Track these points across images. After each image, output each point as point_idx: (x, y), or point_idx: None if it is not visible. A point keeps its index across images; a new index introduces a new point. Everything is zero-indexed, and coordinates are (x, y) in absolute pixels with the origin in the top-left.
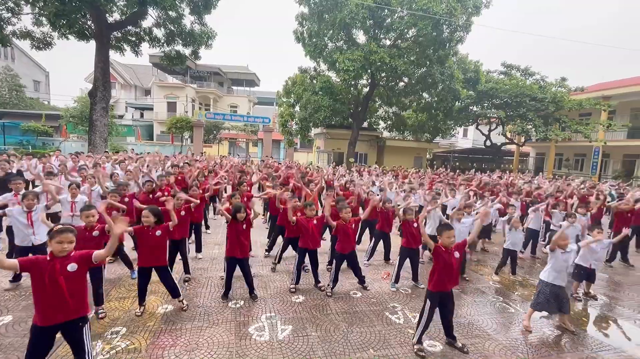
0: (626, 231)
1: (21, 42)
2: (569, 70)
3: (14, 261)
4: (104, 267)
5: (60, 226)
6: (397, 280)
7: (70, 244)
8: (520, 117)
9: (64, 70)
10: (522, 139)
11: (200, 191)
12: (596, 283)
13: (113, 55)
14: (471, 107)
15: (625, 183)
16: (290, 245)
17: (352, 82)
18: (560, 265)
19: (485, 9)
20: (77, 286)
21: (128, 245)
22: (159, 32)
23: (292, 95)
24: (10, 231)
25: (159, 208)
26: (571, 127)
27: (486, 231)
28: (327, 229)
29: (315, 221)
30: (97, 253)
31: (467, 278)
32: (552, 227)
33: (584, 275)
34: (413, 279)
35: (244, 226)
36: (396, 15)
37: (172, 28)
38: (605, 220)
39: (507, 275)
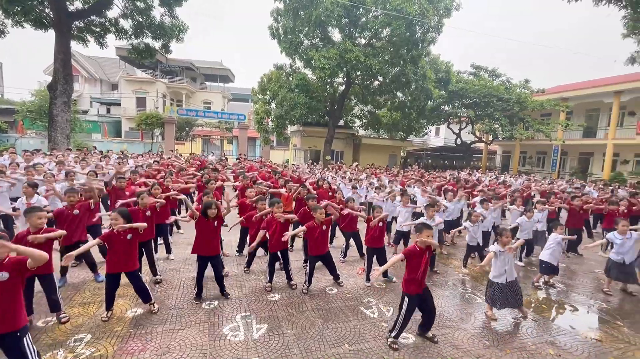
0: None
1: None
2: (540, 73)
3: None
4: (67, 272)
5: None
6: (368, 278)
7: (1, 249)
8: (488, 117)
9: (20, 61)
10: (490, 138)
11: (161, 191)
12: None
13: (75, 46)
14: (443, 106)
15: (580, 180)
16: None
17: (328, 80)
18: (503, 265)
19: (455, 11)
20: (8, 296)
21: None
22: (126, 24)
23: (268, 92)
24: None
25: (128, 209)
26: (534, 127)
27: (455, 226)
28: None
29: (282, 222)
30: (29, 261)
31: (437, 271)
32: (503, 226)
33: (549, 269)
34: (383, 275)
35: (215, 223)
36: (371, 14)
37: (141, 19)
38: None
39: (476, 267)
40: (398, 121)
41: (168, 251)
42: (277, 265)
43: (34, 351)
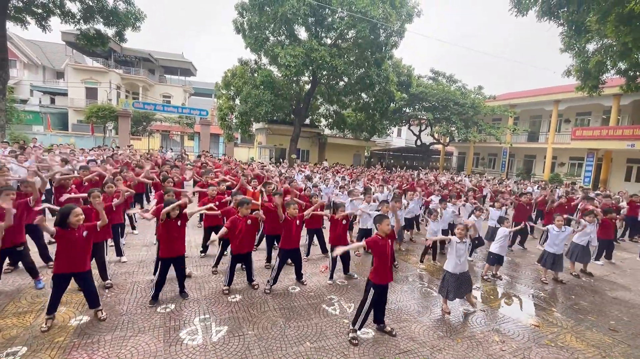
0: (522, 225)
1: None
2: (492, 80)
3: None
4: (9, 276)
5: None
6: (331, 276)
7: None
8: (445, 120)
9: None
10: (447, 140)
11: (115, 189)
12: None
13: (13, 28)
14: (404, 109)
15: (525, 180)
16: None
17: (294, 78)
18: (458, 256)
19: (417, 17)
20: None
21: (33, 250)
22: (73, 7)
23: (232, 88)
24: None
25: (81, 207)
26: (486, 130)
27: (413, 223)
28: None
29: (249, 221)
30: None
31: (396, 266)
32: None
33: (496, 260)
34: (345, 272)
35: (179, 222)
36: (337, 15)
37: (91, 3)
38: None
39: (432, 262)
40: (362, 121)
41: (119, 253)
42: (238, 266)
43: None
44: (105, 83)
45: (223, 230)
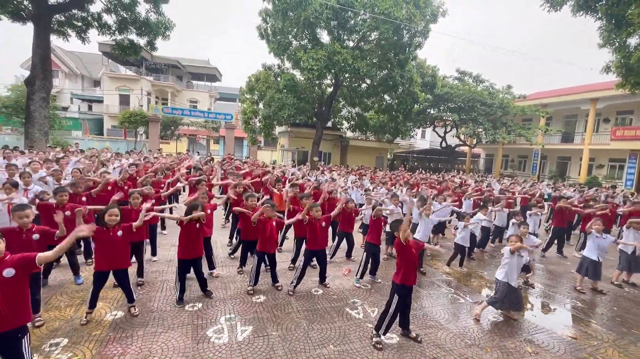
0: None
1: None
2: (522, 79)
3: None
4: (53, 272)
5: None
6: (361, 276)
7: None
8: (472, 121)
9: None
10: (474, 141)
11: (154, 191)
12: (533, 273)
13: (56, 40)
14: (428, 110)
15: (560, 183)
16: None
17: (316, 81)
18: (516, 266)
19: (442, 17)
20: (15, 293)
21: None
22: (109, 19)
23: (256, 92)
24: None
25: (120, 207)
26: (515, 131)
27: (440, 228)
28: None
29: (274, 223)
30: (42, 256)
31: (423, 271)
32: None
33: (525, 267)
34: (370, 273)
35: (197, 225)
36: (359, 17)
37: (125, 15)
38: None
39: (459, 268)
40: (385, 123)
41: (154, 253)
42: (263, 267)
43: (30, 353)
44: (137, 90)
45: (256, 215)
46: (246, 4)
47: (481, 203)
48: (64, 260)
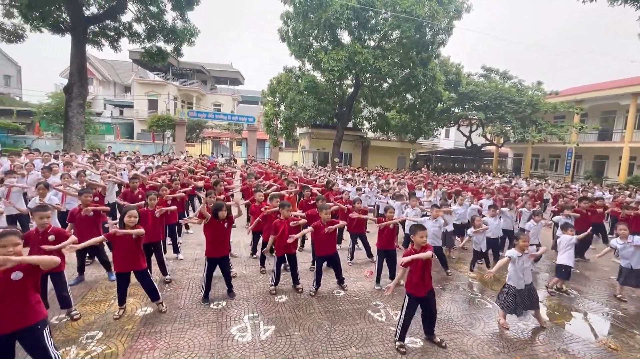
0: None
1: None
2: (554, 75)
3: None
4: (88, 268)
5: (1, 229)
6: (378, 281)
7: (16, 247)
8: (499, 119)
9: (38, 64)
10: (501, 140)
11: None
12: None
13: (90, 49)
14: (453, 109)
15: (595, 184)
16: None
17: (337, 82)
18: (521, 270)
19: (466, 13)
20: (24, 294)
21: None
22: (139, 28)
23: (277, 94)
24: None
25: (139, 209)
26: (546, 129)
27: (464, 229)
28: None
29: (290, 224)
30: (42, 262)
31: (449, 274)
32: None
33: (568, 273)
34: (391, 278)
35: (225, 225)
36: (380, 16)
37: (153, 23)
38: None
39: (486, 274)
40: (407, 123)
41: (176, 251)
42: (282, 267)
43: (53, 344)
44: (165, 95)
45: (271, 238)
46: (269, 6)
47: (503, 204)
48: (96, 257)
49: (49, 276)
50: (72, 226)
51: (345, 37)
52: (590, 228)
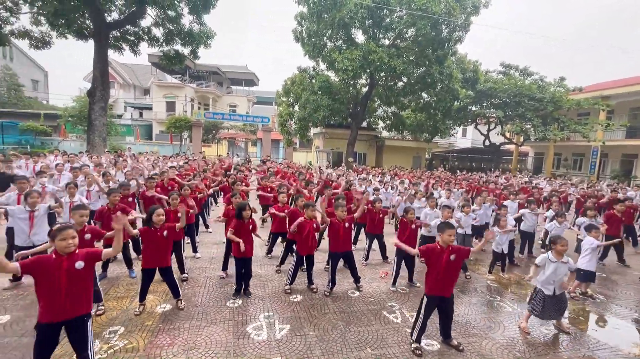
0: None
1: (19, 42)
2: (579, 70)
3: (15, 265)
4: (110, 266)
5: (59, 224)
6: (394, 282)
7: (74, 239)
8: (519, 117)
9: (63, 69)
10: (521, 139)
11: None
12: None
13: (112, 54)
14: (470, 107)
15: (624, 183)
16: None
17: (351, 82)
18: (557, 274)
19: (484, 8)
20: (84, 283)
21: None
22: (157, 32)
23: (292, 95)
24: (9, 232)
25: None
26: (570, 127)
27: (482, 231)
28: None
29: (314, 225)
30: (107, 251)
31: (469, 276)
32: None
33: (587, 276)
34: (409, 280)
35: (251, 226)
36: (395, 14)
37: (171, 27)
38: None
39: (500, 274)
40: (423, 122)
41: (194, 250)
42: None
43: (92, 336)
44: (182, 97)
45: (293, 227)
46: (283, 8)
47: (525, 205)
48: (119, 255)
49: None
50: (100, 224)
51: (359, 37)
52: (624, 234)
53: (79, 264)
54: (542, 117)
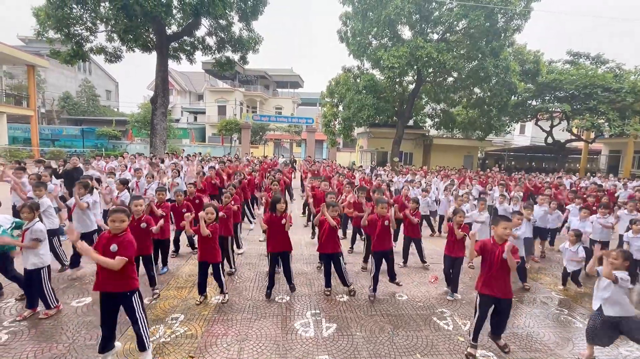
0: None
1: (96, 57)
2: None
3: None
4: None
5: (113, 207)
6: (454, 290)
7: (123, 223)
8: (589, 111)
9: (130, 79)
10: (592, 135)
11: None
12: None
13: (171, 64)
14: (530, 101)
15: None
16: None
17: (397, 79)
18: (620, 292)
19: None
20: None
21: (183, 241)
22: (210, 41)
23: (336, 95)
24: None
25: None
26: None
27: (544, 232)
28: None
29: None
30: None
31: (527, 287)
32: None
33: None
34: (452, 290)
35: (283, 221)
36: (445, 7)
37: (223, 35)
38: None
39: (573, 286)
40: (475, 119)
41: (238, 246)
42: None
43: (141, 307)
44: (232, 101)
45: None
46: (328, 9)
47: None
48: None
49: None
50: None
51: (405, 33)
52: None
53: (113, 247)
54: (619, 110)
